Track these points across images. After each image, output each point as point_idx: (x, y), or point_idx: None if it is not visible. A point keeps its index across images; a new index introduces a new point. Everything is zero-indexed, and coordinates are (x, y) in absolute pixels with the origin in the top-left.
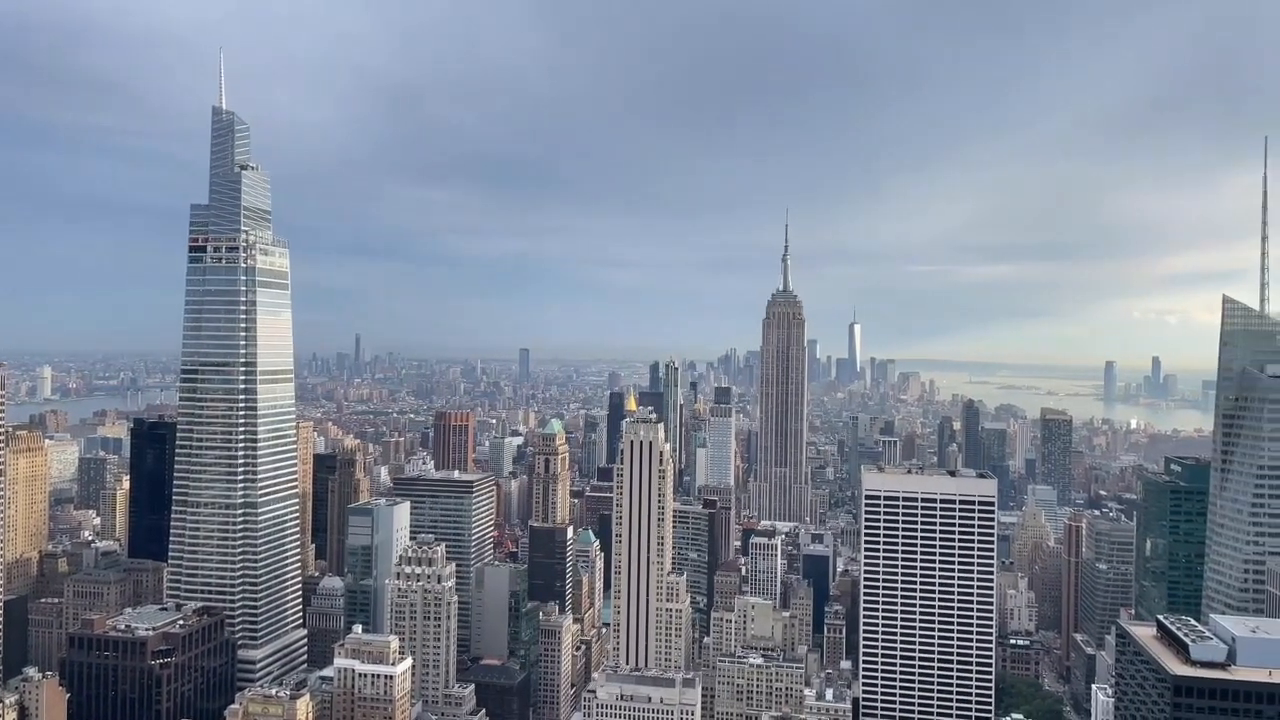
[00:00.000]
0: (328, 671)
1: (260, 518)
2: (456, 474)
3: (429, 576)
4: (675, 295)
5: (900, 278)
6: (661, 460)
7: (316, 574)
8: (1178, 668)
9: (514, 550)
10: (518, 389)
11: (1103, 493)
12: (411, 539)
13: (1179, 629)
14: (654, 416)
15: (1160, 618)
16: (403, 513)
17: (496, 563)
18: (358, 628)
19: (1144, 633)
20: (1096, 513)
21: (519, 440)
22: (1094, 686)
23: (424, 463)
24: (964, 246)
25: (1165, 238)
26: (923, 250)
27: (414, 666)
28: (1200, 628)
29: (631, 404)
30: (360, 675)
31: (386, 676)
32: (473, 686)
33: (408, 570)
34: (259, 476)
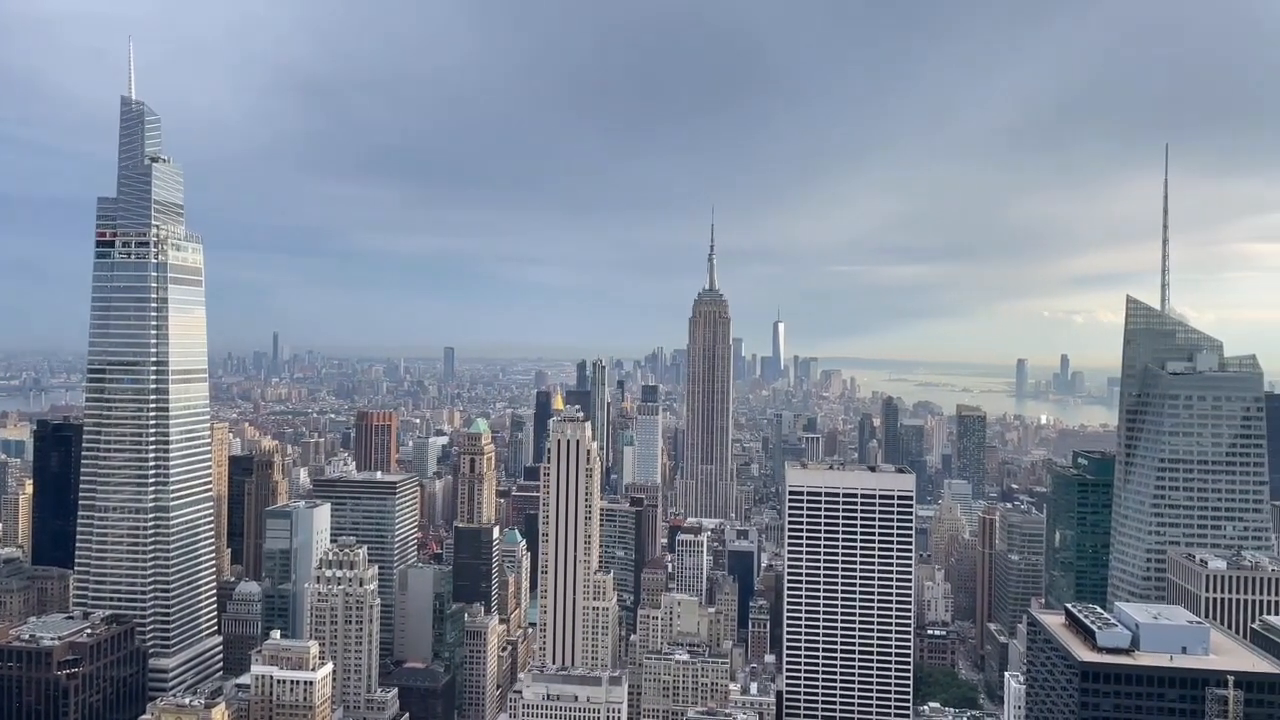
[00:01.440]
0: (244, 679)
1: (172, 522)
2: (379, 475)
3: (350, 580)
4: (602, 294)
5: (823, 277)
6: (589, 459)
7: (232, 579)
8: (1085, 654)
9: (439, 552)
10: (442, 388)
11: (1015, 486)
12: (332, 542)
13: (1086, 617)
14: (581, 415)
15: (1069, 606)
16: (323, 515)
17: (420, 564)
18: (276, 633)
19: (1053, 621)
20: (1009, 506)
21: (444, 440)
22: (1007, 674)
23: (345, 464)
24: (884, 247)
25: (1072, 240)
26: (844, 251)
27: (335, 672)
28: (1106, 615)
29: (558, 403)
30: (279, 682)
31: (306, 682)
32: (396, 690)
33: (328, 574)
34: (171, 479)
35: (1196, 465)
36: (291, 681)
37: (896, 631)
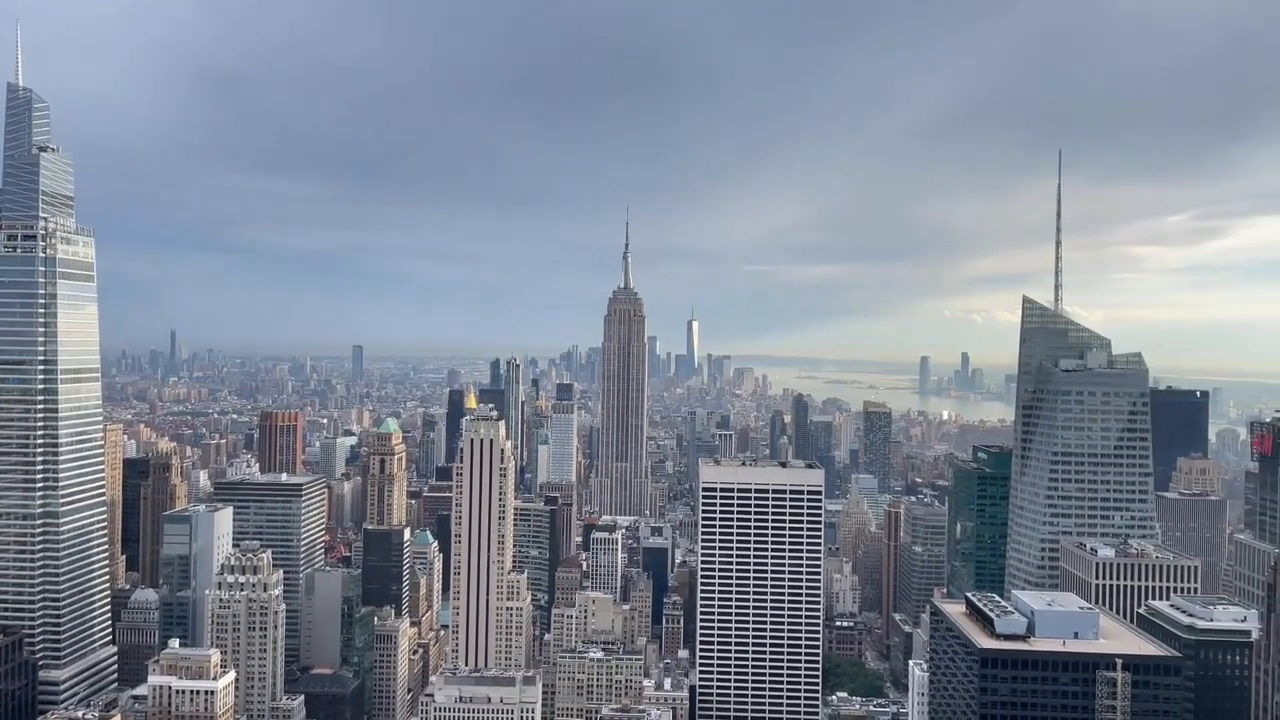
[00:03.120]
0: (141, 690)
1: (62, 528)
2: (284, 477)
3: (254, 585)
4: (517, 292)
5: (736, 276)
6: (503, 458)
7: (128, 586)
8: (984, 641)
9: (347, 555)
10: (351, 387)
11: (918, 480)
12: (235, 546)
13: (985, 605)
14: (495, 414)
15: (969, 595)
16: (224, 519)
17: (328, 568)
18: (174, 642)
19: (955, 610)
20: (913, 499)
21: (352, 440)
22: (911, 662)
23: (248, 466)
24: (795, 247)
25: (973, 242)
26: (757, 250)
27: (238, 680)
28: (1004, 603)
29: (472, 401)
30: (178, 692)
31: (207, 692)
32: (302, 698)
33: (230, 579)
34: (60, 483)
35: (1087, 458)
36: (191, 691)
37: (806, 624)
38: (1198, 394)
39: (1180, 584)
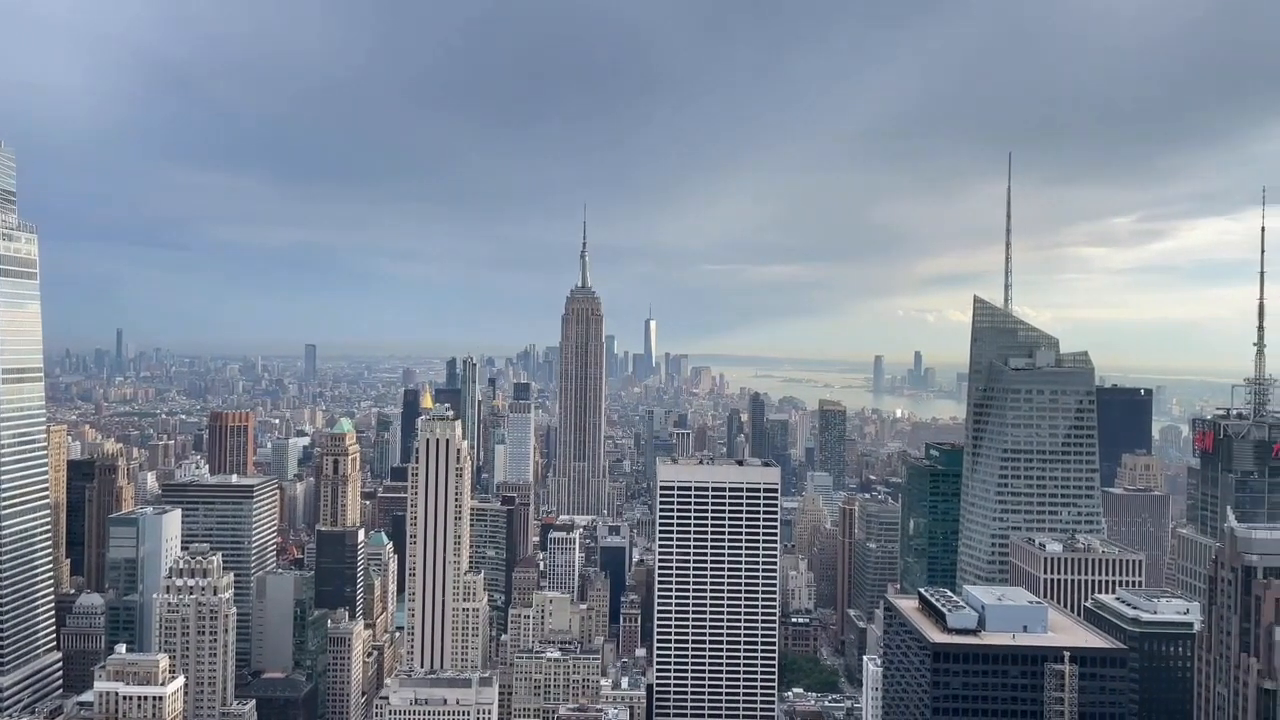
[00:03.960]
0: (87, 696)
1: (4, 532)
2: (234, 478)
3: (203, 589)
4: (473, 290)
5: (694, 276)
6: (459, 458)
7: (73, 591)
8: (936, 636)
9: (300, 557)
10: (304, 387)
11: (872, 477)
12: (184, 549)
13: (937, 600)
14: (451, 414)
15: (921, 590)
16: (173, 521)
17: (280, 570)
18: (121, 647)
19: (907, 605)
20: (867, 496)
21: (305, 441)
22: (865, 657)
23: (197, 467)
24: (753, 247)
25: (926, 242)
26: (714, 249)
27: (187, 686)
28: (955, 598)
29: (427, 401)
30: (125, 698)
31: (155, 698)
32: (253, 702)
33: (179, 583)
34: (2, 486)
35: (1035, 455)
36: (139, 697)
37: (762, 621)
38: (1141, 392)
39: (1125, 578)
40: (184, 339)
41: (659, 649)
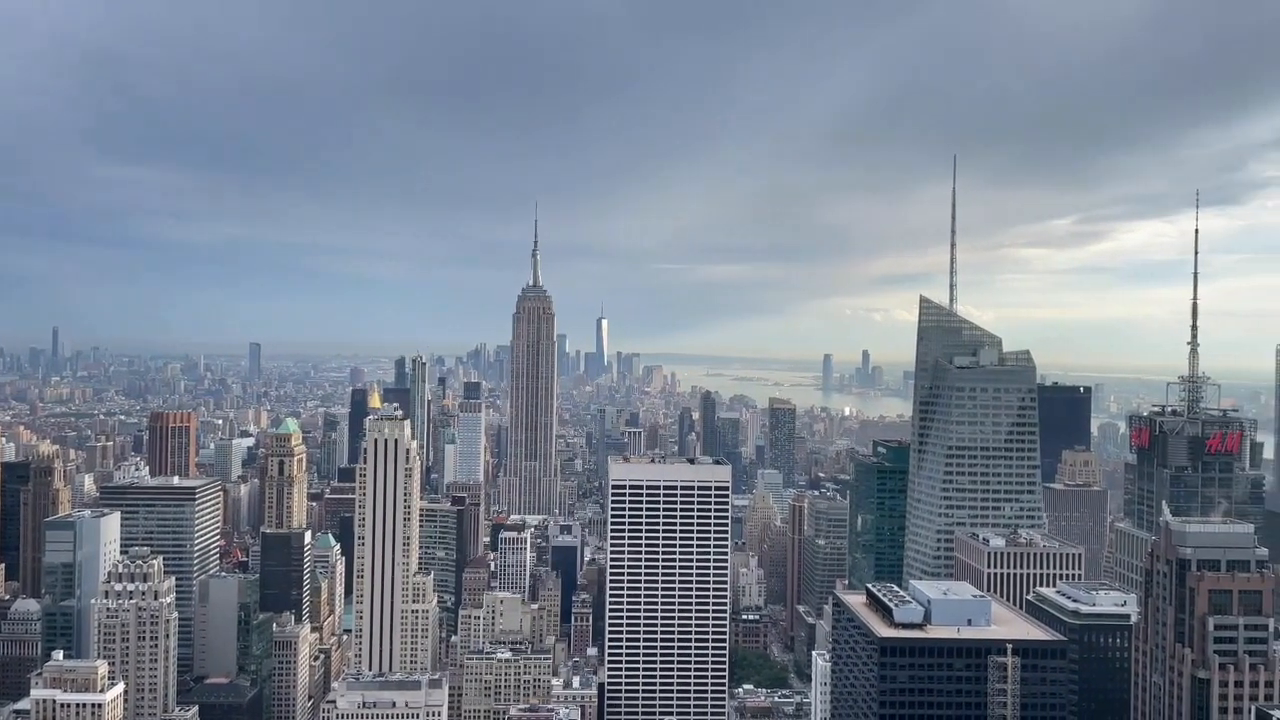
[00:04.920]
0: (23, 704)
1: None
2: (176, 480)
3: (143, 593)
4: (423, 289)
5: (646, 275)
6: (408, 458)
7: (7, 597)
8: (884, 631)
9: (244, 560)
10: (247, 386)
11: (821, 474)
12: (123, 553)
13: (884, 595)
14: (400, 413)
15: (869, 586)
16: (112, 524)
17: (223, 574)
18: (58, 654)
19: (855, 600)
20: (816, 493)
21: (249, 442)
22: (814, 652)
23: (137, 469)
24: (703, 246)
25: (874, 242)
26: (666, 248)
27: (127, 692)
28: (902, 593)
29: (375, 400)
30: (62, 706)
31: (94, 705)
32: (196, 708)
33: (118, 588)
34: None
35: (979, 452)
36: (77, 705)
37: (713, 618)
38: (1081, 390)
39: (1065, 571)
40: (123, 337)
41: (610, 647)
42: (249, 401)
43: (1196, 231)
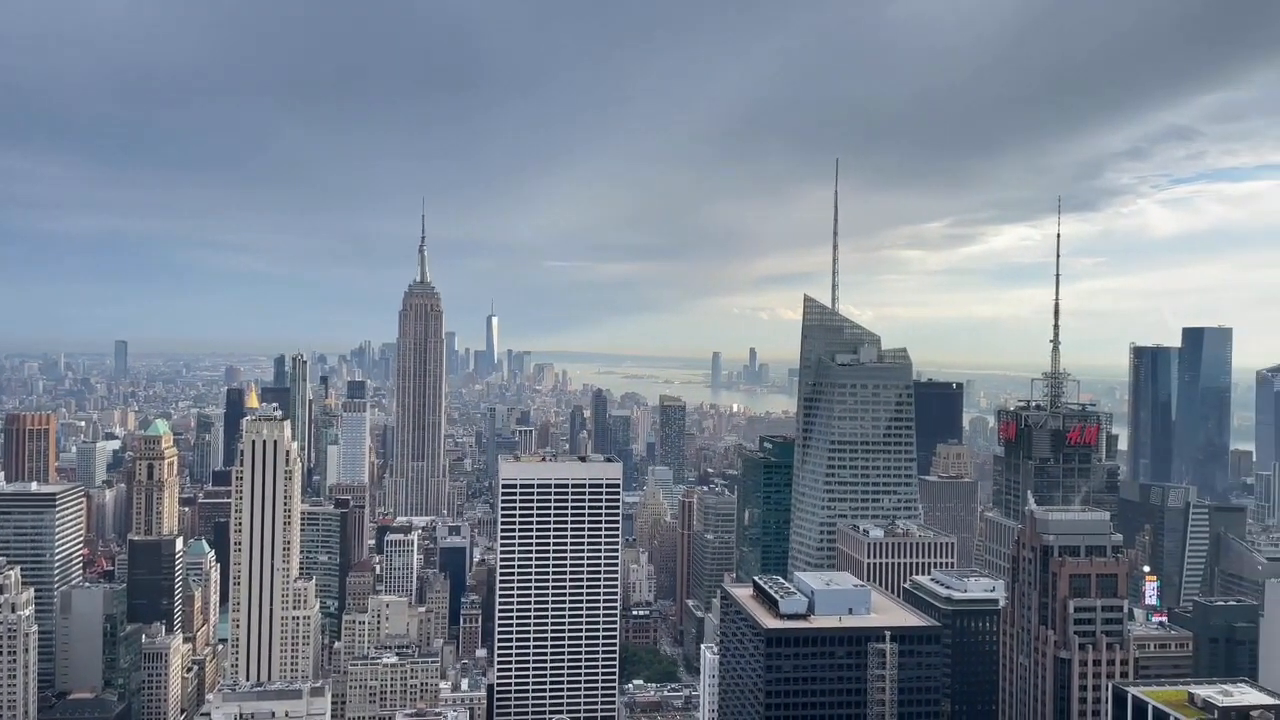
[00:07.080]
0: None
1: None
2: (34, 486)
3: None
4: (305, 285)
5: (537, 272)
6: (288, 460)
7: None
8: (770, 622)
9: (110, 569)
10: (113, 386)
11: (710, 470)
12: None
13: (770, 587)
14: (279, 413)
15: (756, 579)
16: None
17: (87, 584)
18: None
19: (743, 593)
20: (705, 489)
21: (115, 444)
22: (703, 646)
23: None
24: (595, 244)
25: (760, 242)
26: (557, 246)
27: None
28: (787, 585)
29: (253, 400)
30: None
31: None
32: None
33: None
34: None
35: (860, 446)
36: None
37: (604, 615)
38: (953, 386)
39: (940, 560)
40: None
41: (500, 648)
42: (115, 402)
43: (1058, 235)
